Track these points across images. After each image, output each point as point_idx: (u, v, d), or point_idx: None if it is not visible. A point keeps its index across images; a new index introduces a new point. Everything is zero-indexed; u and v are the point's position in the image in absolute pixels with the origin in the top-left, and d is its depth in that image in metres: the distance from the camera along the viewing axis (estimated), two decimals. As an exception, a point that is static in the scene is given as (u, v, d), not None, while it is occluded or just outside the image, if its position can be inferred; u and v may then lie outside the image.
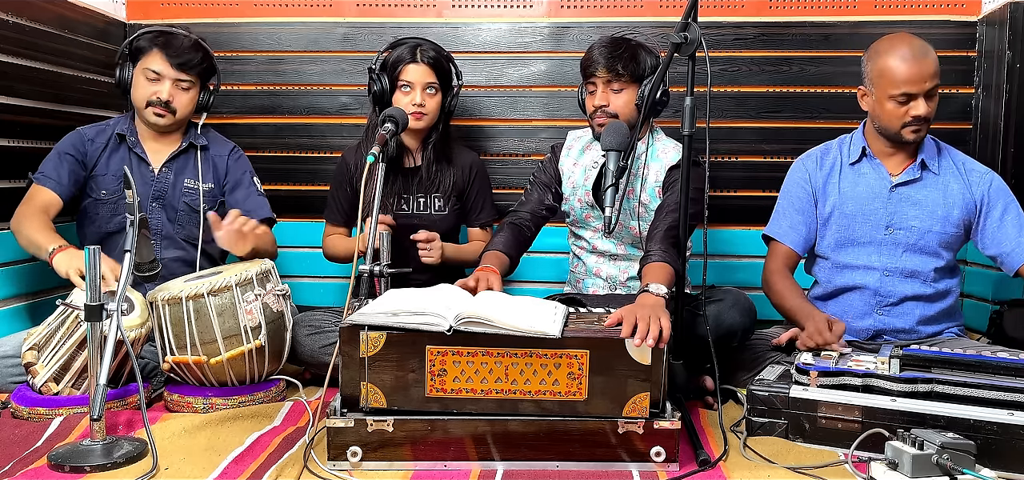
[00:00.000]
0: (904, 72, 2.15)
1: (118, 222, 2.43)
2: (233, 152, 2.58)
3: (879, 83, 2.21)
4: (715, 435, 1.93)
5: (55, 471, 1.67)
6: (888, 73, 2.18)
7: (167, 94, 2.39)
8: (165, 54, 2.38)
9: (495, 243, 2.33)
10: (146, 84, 2.39)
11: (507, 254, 2.31)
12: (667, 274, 2.07)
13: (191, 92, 2.45)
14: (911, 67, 2.14)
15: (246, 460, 1.74)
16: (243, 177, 2.56)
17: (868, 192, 2.32)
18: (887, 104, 2.20)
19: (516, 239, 2.37)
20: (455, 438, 1.70)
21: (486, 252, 2.31)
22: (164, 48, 2.39)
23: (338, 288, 3.05)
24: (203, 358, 2.08)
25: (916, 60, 2.15)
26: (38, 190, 2.35)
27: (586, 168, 2.46)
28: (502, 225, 2.42)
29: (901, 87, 2.16)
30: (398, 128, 2.29)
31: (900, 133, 2.22)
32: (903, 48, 2.17)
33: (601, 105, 2.32)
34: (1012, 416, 1.69)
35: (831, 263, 2.37)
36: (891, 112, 2.20)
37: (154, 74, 2.38)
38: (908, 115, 2.19)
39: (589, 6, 2.97)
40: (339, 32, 3.02)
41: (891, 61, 2.17)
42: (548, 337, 1.68)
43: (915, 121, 2.19)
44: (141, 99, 2.40)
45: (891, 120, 2.22)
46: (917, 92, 2.16)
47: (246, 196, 2.52)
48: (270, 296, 2.18)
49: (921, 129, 2.22)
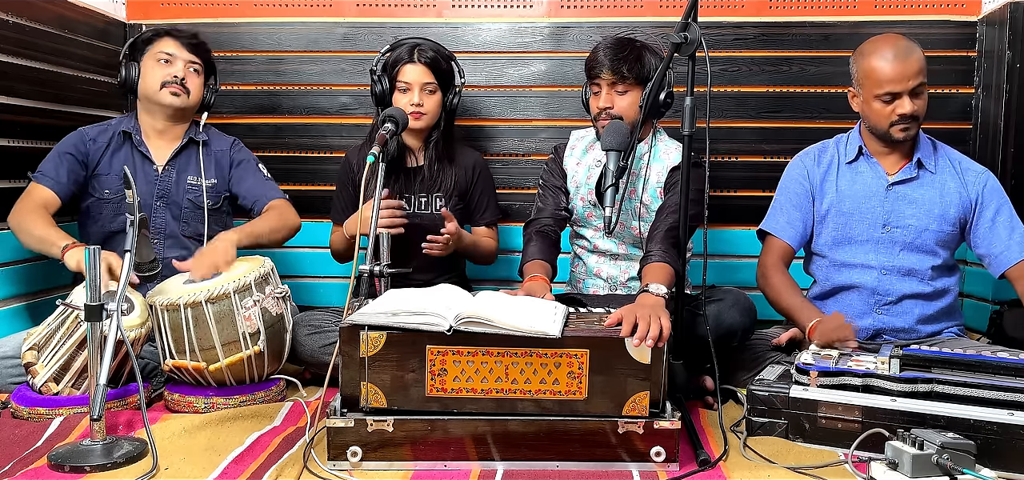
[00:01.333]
0: (887, 72, 2.17)
1: (121, 222, 2.42)
2: (234, 145, 2.60)
3: (865, 84, 2.24)
4: (715, 435, 1.93)
5: (55, 471, 1.67)
6: (872, 74, 2.20)
7: (182, 71, 2.44)
8: (175, 37, 2.46)
9: (532, 253, 2.33)
10: (159, 68, 2.43)
11: (548, 262, 2.33)
12: (667, 274, 2.07)
13: (200, 79, 2.50)
14: (894, 67, 2.17)
15: (246, 460, 1.74)
16: (248, 166, 2.58)
17: (865, 190, 2.33)
18: (874, 104, 2.22)
19: (549, 246, 2.38)
20: (455, 438, 1.70)
21: (526, 262, 2.31)
22: (173, 33, 2.47)
23: (338, 288, 3.05)
24: (202, 364, 2.08)
25: (899, 60, 2.17)
26: (36, 188, 2.35)
27: (589, 167, 2.46)
28: (529, 235, 2.41)
29: (885, 87, 2.18)
30: (398, 128, 2.30)
31: (889, 132, 2.24)
32: (886, 48, 2.19)
33: (605, 107, 2.31)
34: (1012, 416, 1.69)
35: (829, 262, 2.37)
36: (878, 112, 2.22)
37: (167, 56, 2.43)
38: (894, 114, 2.20)
39: (589, 6, 2.97)
40: (339, 32, 3.02)
41: (875, 61, 2.20)
42: (548, 337, 1.68)
43: (902, 120, 2.20)
44: (155, 82, 2.42)
45: (879, 120, 2.23)
46: (901, 91, 2.18)
47: (254, 183, 2.56)
48: (269, 300, 2.17)
49: (910, 127, 2.22)
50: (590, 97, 2.38)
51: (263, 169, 2.60)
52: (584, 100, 2.43)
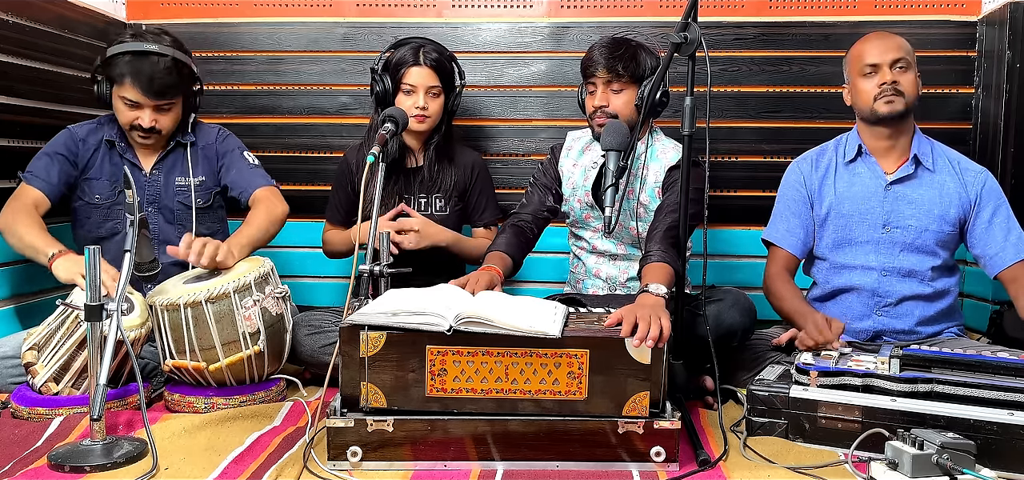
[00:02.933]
0: (868, 48, 2.29)
1: (110, 227, 2.41)
2: (219, 134, 2.54)
3: (851, 69, 2.32)
4: (715, 435, 1.93)
5: (55, 471, 1.67)
6: (856, 56, 2.31)
7: (148, 121, 2.32)
8: (137, 86, 2.26)
9: (497, 244, 2.33)
10: (126, 110, 2.33)
11: (510, 255, 2.30)
12: (667, 274, 2.07)
13: (173, 110, 2.38)
14: (874, 43, 2.28)
15: (246, 460, 1.74)
16: (233, 155, 2.51)
17: (864, 191, 2.33)
18: (859, 83, 2.29)
19: (518, 241, 2.37)
20: (455, 438, 1.70)
21: (488, 252, 2.31)
22: (135, 78, 2.26)
23: (338, 288, 3.05)
24: (202, 364, 2.08)
25: (879, 38, 2.28)
26: (26, 189, 2.31)
27: (586, 168, 2.46)
28: (504, 227, 2.42)
29: (866, 59, 2.27)
30: (398, 128, 2.29)
31: (874, 109, 2.26)
32: (869, 34, 2.32)
33: (601, 105, 2.32)
34: (1012, 416, 1.69)
35: (829, 264, 2.37)
36: (863, 90, 2.28)
37: (132, 101, 2.30)
38: (876, 86, 2.24)
39: (589, 6, 2.97)
40: (339, 32, 3.02)
41: (857, 46, 2.33)
42: (548, 337, 1.68)
43: (883, 90, 2.23)
44: (124, 123, 2.35)
45: (865, 98, 2.27)
46: (880, 62, 2.24)
47: (239, 173, 2.49)
48: (269, 300, 2.17)
49: (894, 101, 2.23)
50: (586, 96, 2.40)
51: (248, 156, 2.53)
52: (580, 100, 2.44)
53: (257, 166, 2.53)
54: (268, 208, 2.41)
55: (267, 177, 2.51)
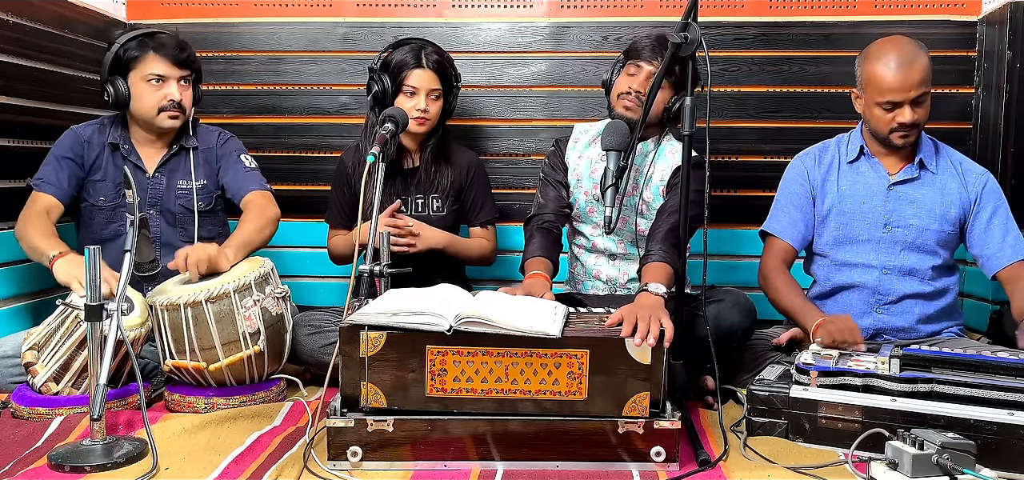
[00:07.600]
0: (889, 80, 2.16)
1: (114, 230, 2.42)
2: (220, 137, 2.54)
3: (868, 89, 2.24)
4: (715, 435, 1.93)
5: (55, 471, 1.67)
6: (875, 80, 2.19)
7: (177, 94, 2.36)
8: (163, 55, 2.34)
9: (532, 250, 2.30)
10: (152, 90, 2.34)
11: (549, 259, 2.29)
12: (666, 274, 2.07)
13: (190, 89, 2.43)
14: (896, 75, 2.15)
15: (246, 460, 1.74)
16: (231, 158, 2.52)
17: (866, 190, 2.33)
18: (875, 110, 2.23)
19: (549, 242, 2.34)
20: (455, 438, 1.70)
21: (528, 259, 2.28)
22: (160, 49, 2.34)
23: (338, 288, 3.05)
24: (202, 364, 2.08)
25: (902, 68, 2.15)
26: (39, 197, 2.33)
27: (592, 161, 2.45)
28: (531, 231, 2.38)
29: (887, 95, 2.18)
30: (398, 128, 2.29)
31: (888, 138, 2.24)
32: (891, 55, 2.17)
33: (637, 89, 2.27)
34: (1012, 416, 1.69)
35: (830, 261, 2.37)
36: (879, 118, 2.23)
37: (158, 76, 2.34)
38: (894, 121, 2.20)
39: (589, 6, 2.97)
40: (339, 32, 3.02)
41: (878, 68, 2.18)
42: (548, 337, 1.68)
43: (901, 128, 2.21)
44: (152, 107, 2.35)
45: (879, 125, 2.24)
46: (902, 100, 2.17)
47: (234, 175, 2.50)
48: (269, 300, 2.17)
49: (909, 134, 2.23)
50: (619, 75, 2.34)
51: (245, 159, 2.53)
52: (607, 79, 2.39)
53: (253, 169, 2.53)
54: (260, 211, 2.41)
55: (261, 181, 2.51)
